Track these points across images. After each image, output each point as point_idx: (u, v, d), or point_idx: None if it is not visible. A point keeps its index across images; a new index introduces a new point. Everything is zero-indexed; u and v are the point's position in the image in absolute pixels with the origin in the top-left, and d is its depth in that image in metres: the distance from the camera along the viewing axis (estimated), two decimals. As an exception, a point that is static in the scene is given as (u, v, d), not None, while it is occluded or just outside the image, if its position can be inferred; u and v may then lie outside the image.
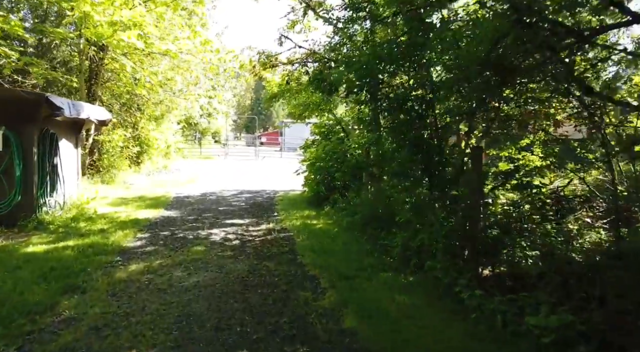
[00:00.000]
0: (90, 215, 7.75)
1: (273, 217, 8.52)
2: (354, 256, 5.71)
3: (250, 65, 9.57)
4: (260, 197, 11.36)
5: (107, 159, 12.62)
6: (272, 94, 10.68)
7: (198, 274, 4.88)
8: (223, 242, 6.38)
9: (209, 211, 9.03)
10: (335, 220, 8.03)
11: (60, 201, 7.59)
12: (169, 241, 6.33)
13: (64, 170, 7.75)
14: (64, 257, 5.24)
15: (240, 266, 5.23)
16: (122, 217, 7.91)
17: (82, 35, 10.46)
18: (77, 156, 8.53)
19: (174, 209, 9.13)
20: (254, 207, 9.59)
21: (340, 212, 8.38)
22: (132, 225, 7.24)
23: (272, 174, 18.03)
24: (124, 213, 8.28)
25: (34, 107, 6.74)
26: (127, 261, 5.28)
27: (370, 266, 5.19)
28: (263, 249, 6.04)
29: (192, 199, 10.63)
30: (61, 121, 7.63)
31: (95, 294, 4.16)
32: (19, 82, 11.01)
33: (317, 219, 8.30)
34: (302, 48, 8.71)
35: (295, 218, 8.33)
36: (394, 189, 6.41)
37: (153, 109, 17.31)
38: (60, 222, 7.02)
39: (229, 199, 10.83)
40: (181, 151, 26.29)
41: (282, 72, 9.39)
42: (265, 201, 10.72)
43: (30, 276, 4.49)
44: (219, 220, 8.07)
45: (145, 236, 6.64)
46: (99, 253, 5.52)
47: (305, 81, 9.27)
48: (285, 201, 10.58)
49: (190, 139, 33.07)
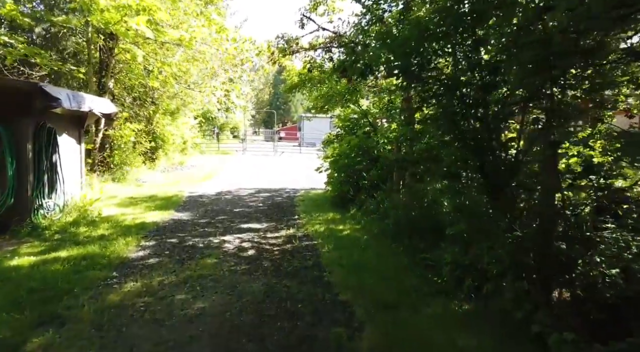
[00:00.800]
0: (93, 218, 7.02)
1: (293, 221, 7.64)
2: (392, 273, 4.77)
3: (269, 52, 8.68)
4: (279, 196, 10.50)
5: (118, 156, 11.97)
6: (291, 84, 9.77)
7: (205, 296, 4.03)
8: (237, 253, 5.53)
9: (224, 212, 8.21)
10: (364, 225, 7.09)
11: (60, 203, 6.88)
12: (175, 251, 5.52)
13: (64, 169, 7.04)
14: (50, 273, 4.47)
15: (256, 285, 4.36)
16: (128, 220, 7.16)
17: (89, 22, 9.77)
18: (80, 153, 7.82)
19: (185, 210, 8.35)
20: (273, 209, 8.73)
21: (368, 216, 7.44)
22: (137, 230, 6.47)
23: (291, 171, 17.18)
24: (130, 216, 7.54)
25: (27, 98, 6.01)
26: (124, 278, 4.48)
27: (413, 289, 4.24)
28: (283, 262, 5.16)
29: (206, 198, 9.85)
30: (61, 114, 6.90)
31: (76, 327, 3.34)
32: (26, 74, 10.41)
33: (343, 223, 7.38)
34: (326, 30, 7.76)
35: (319, 222, 7.42)
36: (437, 191, 5.43)
37: (168, 103, 16.67)
38: (58, 227, 6.30)
39: (246, 199, 10.00)
40: (198, 147, 25.76)
41: (303, 58, 8.48)
42: (284, 201, 9.85)
43: (3, 300, 3.72)
44: (234, 224, 7.24)
45: (150, 244, 5.84)
46: (93, 267, 4.74)
47: (329, 68, 8.33)
48: (306, 201, 9.69)
49: (209, 134, 32.56)
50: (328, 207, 8.85)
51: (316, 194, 10.74)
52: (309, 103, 10.62)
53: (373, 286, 4.31)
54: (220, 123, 33.48)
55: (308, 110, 67.50)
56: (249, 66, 21.41)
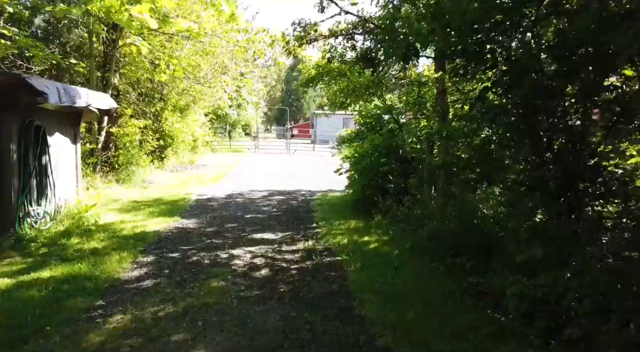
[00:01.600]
0: (88, 227, 6.27)
1: (311, 229, 6.79)
2: (439, 303, 3.89)
3: (283, 41, 7.81)
4: (294, 200, 9.66)
5: (123, 155, 11.25)
6: (308, 77, 8.90)
7: (207, 338, 3.21)
8: (248, 272, 4.70)
9: (234, 219, 7.40)
10: (393, 237, 6.21)
11: (51, 210, 6.14)
12: (176, 270, 4.71)
13: (56, 171, 6.31)
14: (22, 302, 3.69)
15: (271, 320, 3.52)
16: (127, 229, 6.39)
17: (89, 12, 9.03)
18: (75, 153, 7.08)
19: (192, 216, 7.56)
20: (288, 215, 7.89)
21: (396, 225, 6.55)
22: (135, 242, 5.69)
23: (305, 170, 16.34)
24: (130, 223, 6.77)
25: (9, 92, 5.26)
26: (111, 308, 3.68)
27: (472, 329, 3.34)
28: (302, 286, 4.31)
29: (216, 202, 9.06)
30: (53, 110, 6.15)
31: (36, 388, 2.55)
32: (24, 68, 9.75)
33: (368, 233, 6.50)
34: (350, 14, 6.85)
35: (340, 232, 6.56)
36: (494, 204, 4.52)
37: (177, 99, 15.97)
38: (46, 239, 5.55)
39: (258, 202, 9.18)
40: (209, 145, 25.10)
41: (322, 48, 7.59)
42: (300, 205, 9.00)
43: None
44: (245, 234, 6.42)
45: (148, 260, 5.05)
46: (76, 293, 3.96)
47: (351, 59, 7.43)
48: (324, 205, 8.83)
49: (220, 132, 31.91)
50: (349, 213, 7.98)
51: (334, 198, 9.87)
52: (326, 98, 9.72)
53: (418, 324, 3.43)
54: (232, 120, 32.79)
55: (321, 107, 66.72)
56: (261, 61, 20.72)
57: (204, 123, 22.17)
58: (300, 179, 13.43)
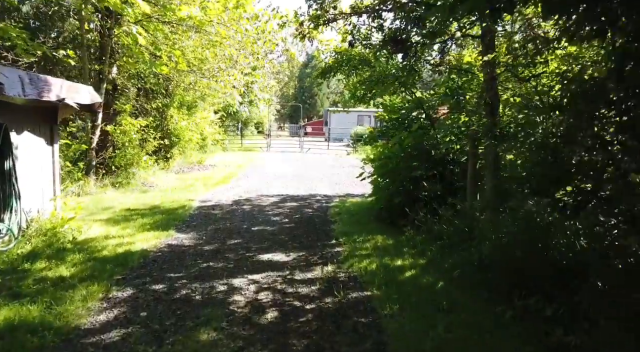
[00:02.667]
0: (62, 245, 5.21)
1: (331, 248, 5.62)
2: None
3: (296, 23, 6.64)
4: (308, 207, 8.50)
5: (120, 156, 10.25)
6: (324, 66, 7.70)
7: None
8: (249, 316, 3.56)
9: (238, 233, 6.28)
10: (432, 259, 5.00)
11: (16, 225, 5.10)
12: (156, 312, 3.60)
13: (25, 178, 5.27)
14: None
15: (279, 412, 2.37)
16: (109, 248, 5.32)
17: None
18: (52, 156, 6.02)
19: (190, 229, 6.47)
20: (302, 227, 6.73)
21: (433, 243, 5.34)
22: (113, 268, 4.59)
23: (320, 171, 15.16)
24: (115, 239, 5.70)
25: (-47, 83, 4.21)
26: (52, 384, 2.58)
27: None
28: (323, 342, 3.14)
29: (220, 210, 7.96)
30: (20, 105, 5.10)
31: None
32: (9, 60, 8.78)
33: (400, 254, 5.29)
34: (377, -15, 5.65)
35: (366, 252, 5.38)
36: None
37: (183, 95, 14.95)
38: (3, 264, 4.50)
39: (268, 210, 8.04)
40: (220, 143, 24.14)
41: (341, 29, 6.40)
42: (316, 214, 7.84)
43: None
44: (250, 253, 5.29)
45: (123, 295, 3.94)
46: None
47: (377, 42, 6.22)
48: (343, 214, 7.65)
49: (232, 130, 30.94)
50: (373, 226, 6.78)
51: (354, 204, 8.67)
52: (345, 91, 8.48)
53: None
54: (244, 118, 31.78)
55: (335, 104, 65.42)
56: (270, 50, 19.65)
57: (213, 121, 21.18)
58: (315, 181, 12.26)
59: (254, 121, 43.09)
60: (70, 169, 8.91)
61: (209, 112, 20.18)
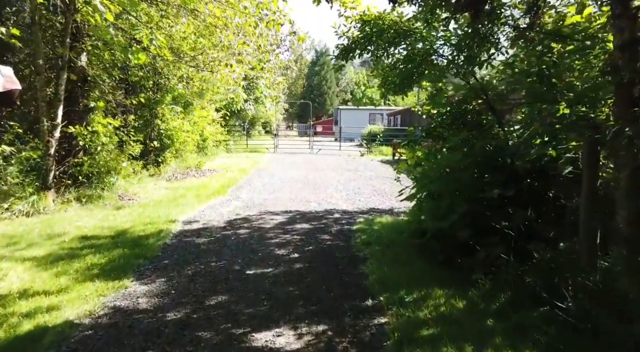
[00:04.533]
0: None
1: (367, 318, 3.53)
2: None
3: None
4: (325, 231, 6.42)
5: (90, 163, 8.29)
6: (347, 44, 5.64)
7: None
8: None
9: (225, 283, 4.25)
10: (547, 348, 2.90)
11: None
12: None
13: None
14: None
15: None
16: (11, 320, 3.32)
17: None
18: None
19: (156, 274, 4.46)
20: (318, 271, 4.67)
21: (535, 308, 3.26)
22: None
23: (334, 176, 13.09)
24: (32, 300, 3.70)
25: None
26: None
27: None
28: None
29: (207, 237, 5.94)
30: None
31: None
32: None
33: (484, 333, 3.20)
34: None
35: (426, 327, 3.30)
36: None
37: (176, 90, 12.99)
38: None
39: (271, 238, 6.00)
40: (223, 144, 22.21)
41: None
42: (336, 243, 5.76)
43: None
44: (237, 331, 3.25)
45: None
46: None
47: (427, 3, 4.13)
48: (374, 244, 5.55)
49: (237, 130, 28.97)
50: (421, 265, 4.69)
51: (385, 226, 6.58)
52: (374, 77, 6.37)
53: None
54: (250, 117, 29.79)
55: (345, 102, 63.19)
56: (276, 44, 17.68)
57: (214, 120, 19.23)
58: (330, 190, 10.20)
59: (261, 120, 41.09)
60: (20, 181, 6.99)
61: (208, 110, 18.24)
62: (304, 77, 67.83)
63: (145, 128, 12.62)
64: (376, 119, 40.64)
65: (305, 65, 67.73)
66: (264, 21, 9.68)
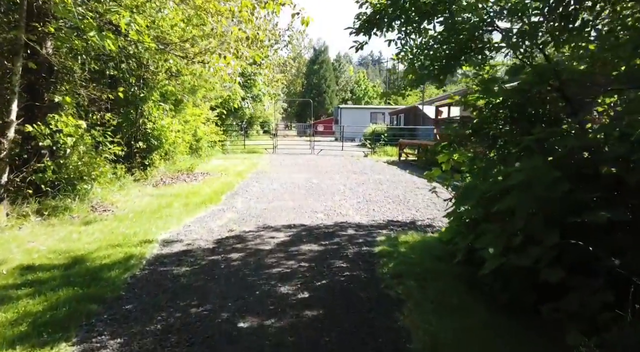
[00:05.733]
0: None
1: None
2: None
3: None
4: (339, 255, 5.10)
5: (55, 168, 6.97)
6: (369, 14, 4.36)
7: None
8: None
9: (207, 338, 2.95)
10: None
11: None
12: None
13: None
14: None
15: None
16: None
17: None
18: None
19: (109, 328, 3.15)
20: (338, 320, 3.36)
21: None
22: None
23: (341, 180, 11.79)
24: None
25: None
26: None
27: None
28: None
29: (189, 264, 4.63)
30: None
31: None
32: None
33: None
34: None
35: None
36: None
37: (164, 84, 11.68)
38: None
39: (271, 265, 4.68)
40: (218, 145, 20.88)
41: None
42: (356, 272, 4.44)
43: None
44: None
45: None
46: None
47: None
48: (408, 277, 4.22)
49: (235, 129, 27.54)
50: (479, 311, 3.39)
51: (414, 248, 5.26)
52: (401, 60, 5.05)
53: None
54: (247, 116, 28.39)
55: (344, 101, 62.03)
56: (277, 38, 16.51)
57: (209, 118, 17.92)
58: (338, 198, 8.89)
59: (259, 120, 39.75)
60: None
61: (203, 107, 16.93)
62: (303, 76, 66.52)
63: (130, 127, 11.31)
64: (377, 118, 39.39)
65: (303, 64, 66.39)
66: (261, 2, 8.38)
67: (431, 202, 8.60)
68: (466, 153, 4.74)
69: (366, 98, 59.48)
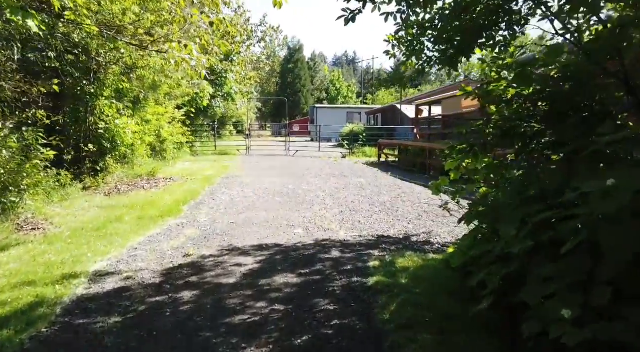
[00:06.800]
0: None
1: None
2: None
3: None
4: (324, 292, 3.96)
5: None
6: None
7: None
8: None
9: None
10: None
11: None
12: None
13: None
14: None
15: None
16: None
17: None
18: None
19: None
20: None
21: None
22: None
23: (320, 185, 10.69)
24: None
25: None
26: None
27: None
28: None
29: (121, 312, 3.41)
30: None
31: None
32: None
33: None
34: None
35: None
36: None
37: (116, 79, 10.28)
38: None
39: (235, 311, 3.51)
40: (186, 147, 19.41)
41: None
42: (348, 321, 3.31)
43: None
44: None
45: None
46: None
47: None
48: (417, 326, 3.15)
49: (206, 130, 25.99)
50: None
51: (416, 275, 4.17)
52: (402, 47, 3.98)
53: None
54: (219, 116, 26.89)
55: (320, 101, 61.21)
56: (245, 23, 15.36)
57: (175, 118, 16.48)
58: (318, 208, 7.77)
59: (232, 119, 38.16)
60: None
61: (167, 106, 15.50)
62: (278, 75, 65.11)
63: (78, 127, 9.88)
64: (354, 118, 38.54)
65: (278, 63, 64.98)
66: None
67: (422, 210, 7.62)
68: (480, 159, 3.72)
69: (341, 98, 58.68)
